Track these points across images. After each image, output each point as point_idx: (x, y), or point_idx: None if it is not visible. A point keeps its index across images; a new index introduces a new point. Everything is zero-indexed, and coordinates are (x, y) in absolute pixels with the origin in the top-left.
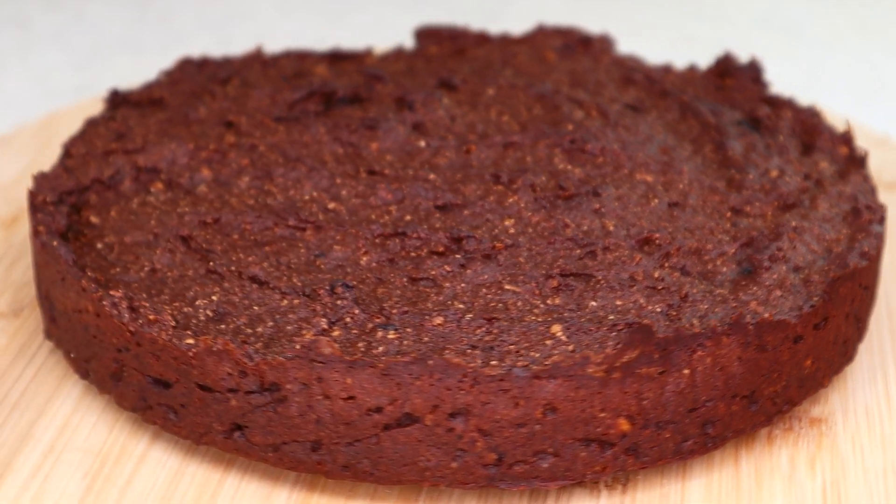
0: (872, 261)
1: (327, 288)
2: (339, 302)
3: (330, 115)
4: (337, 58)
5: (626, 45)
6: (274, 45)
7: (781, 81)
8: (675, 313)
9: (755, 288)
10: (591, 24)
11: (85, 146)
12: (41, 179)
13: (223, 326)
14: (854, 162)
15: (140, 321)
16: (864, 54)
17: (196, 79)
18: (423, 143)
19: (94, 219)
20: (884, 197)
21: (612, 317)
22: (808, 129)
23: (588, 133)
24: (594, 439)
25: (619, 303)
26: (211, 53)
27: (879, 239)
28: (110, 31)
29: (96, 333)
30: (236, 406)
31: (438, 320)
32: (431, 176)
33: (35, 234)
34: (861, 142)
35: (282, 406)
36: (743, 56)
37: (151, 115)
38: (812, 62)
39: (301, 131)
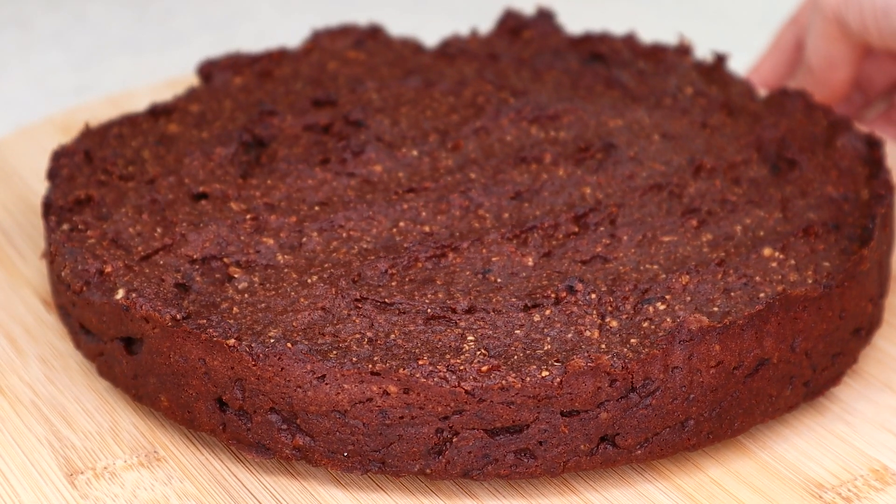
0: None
1: (566, 289)
2: (590, 296)
3: (258, 163)
4: (158, 113)
5: None
6: (274, 45)
7: None
8: (790, 214)
9: (818, 174)
10: (591, 24)
11: (106, 260)
12: (146, 302)
13: (515, 358)
14: (711, 66)
15: (472, 376)
16: None
17: (83, 168)
18: (415, 153)
19: (228, 319)
20: None
21: (761, 232)
22: (647, 52)
23: (534, 100)
24: (859, 328)
25: (748, 220)
26: (210, 53)
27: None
28: (110, 31)
29: (404, 413)
30: (607, 418)
31: (685, 279)
32: (472, 175)
33: (238, 342)
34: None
35: (654, 398)
36: (747, 62)
37: (113, 214)
38: None
39: (296, 177)
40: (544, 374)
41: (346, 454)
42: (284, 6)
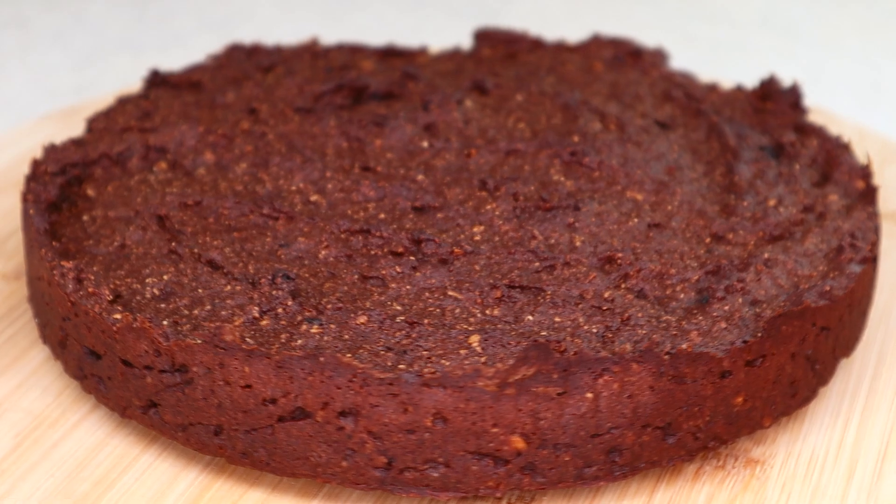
0: (836, 301)
1: (269, 277)
2: (275, 292)
3: (351, 109)
4: (388, 54)
5: None
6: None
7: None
8: (610, 335)
9: (701, 318)
10: (591, 24)
11: (107, 122)
12: (50, 151)
13: (164, 306)
14: (864, 197)
15: (81, 293)
16: (864, 55)
17: (242, 65)
18: (425, 144)
19: (90, 192)
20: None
21: (544, 333)
22: (829, 159)
23: (591, 147)
24: (487, 454)
25: (557, 319)
26: (210, 53)
27: (852, 279)
28: (110, 31)
29: (49, 301)
30: (151, 383)
31: (362, 319)
32: (419, 177)
33: (23, 200)
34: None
35: (189, 388)
36: (747, 62)
37: (182, 98)
38: (812, 62)
39: (313, 123)
40: (116, 316)
41: (37, 320)
42: (284, 6)
